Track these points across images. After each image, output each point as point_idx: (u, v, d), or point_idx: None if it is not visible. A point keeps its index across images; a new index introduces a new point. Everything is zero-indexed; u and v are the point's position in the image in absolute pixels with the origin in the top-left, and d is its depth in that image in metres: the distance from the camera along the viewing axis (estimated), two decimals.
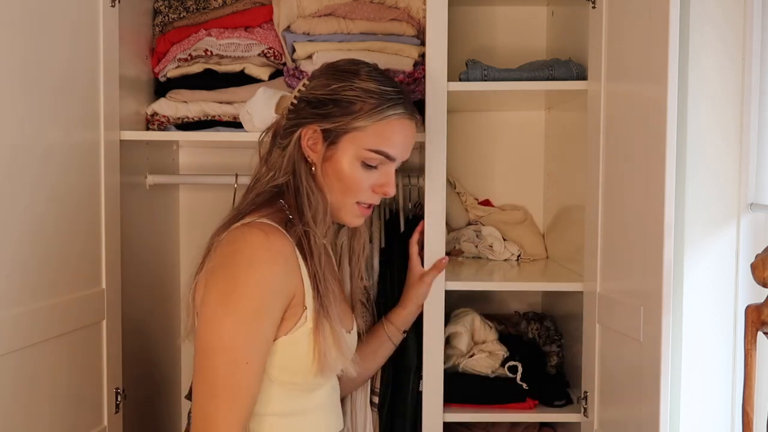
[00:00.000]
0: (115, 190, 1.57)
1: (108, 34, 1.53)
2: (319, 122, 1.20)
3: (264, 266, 1.09)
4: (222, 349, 1.06)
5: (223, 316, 1.07)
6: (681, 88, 1.32)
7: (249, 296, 1.07)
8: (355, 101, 1.20)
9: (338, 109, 1.20)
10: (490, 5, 2.06)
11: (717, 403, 1.50)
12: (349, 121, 1.20)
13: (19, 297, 1.26)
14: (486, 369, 1.72)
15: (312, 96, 1.22)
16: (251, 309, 1.07)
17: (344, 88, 1.20)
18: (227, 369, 1.05)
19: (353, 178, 1.22)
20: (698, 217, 1.49)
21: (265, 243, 1.10)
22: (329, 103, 1.20)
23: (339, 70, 1.23)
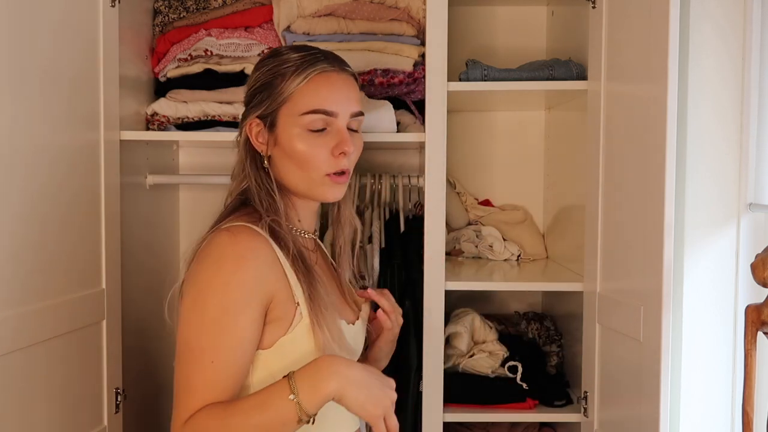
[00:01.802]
0: (115, 190, 1.57)
1: (108, 34, 1.53)
2: (256, 112, 1.20)
3: (231, 264, 1.07)
4: (188, 351, 1.06)
5: (189, 319, 1.07)
6: (681, 88, 1.32)
7: (215, 295, 1.06)
8: (275, 77, 1.19)
9: (265, 92, 1.20)
10: (490, 5, 2.06)
11: (717, 403, 1.50)
12: (275, 97, 1.18)
13: (19, 297, 1.26)
14: (486, 369, 1.72)
15: (247, 94, 1.24)
16: (218, 307, 1.05)
17: (263, 71, 1.21)
18: (193, 368, 1.05)
19: (304, 150, 1.18)
20: (698, 217, 1.49)
21: (231, 242, 1.09)
22: (256, 92, 1.21)
23: (260, 61, 1.24)
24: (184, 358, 1.07)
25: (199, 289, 1.08)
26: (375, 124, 1.63)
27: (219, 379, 1.05)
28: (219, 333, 1.05)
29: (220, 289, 1.06)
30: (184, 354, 1.07)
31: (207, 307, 1.06)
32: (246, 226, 1.13)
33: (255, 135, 1.21)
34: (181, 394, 1.05)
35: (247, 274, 1.08)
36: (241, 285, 1.07)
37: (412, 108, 1.77)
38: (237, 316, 1.06)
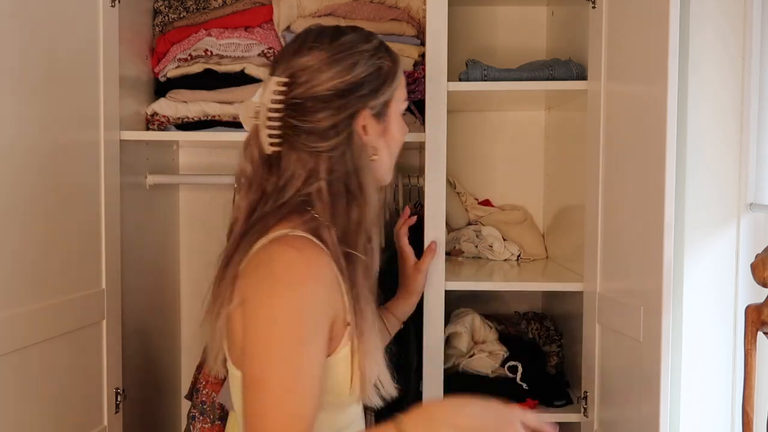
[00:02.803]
0: (115, 190, 1.57)
1: (108, 34, 1.53)
2: (371, 102, 1.10)
3: (303, 288, 0.99)
4: (263, 380, 0.97)
5: (261, 345, 0.98)
6: (681, 88, 1.32)
7: (290, 322, 0.97)
8: (382, 64, 1.11)
9: (377, 79, 1.10)
10: (490, 5, 2.06)
11: (717, 403, 1.50)
12: (390, 83, 1.12)
13: (19, 297, 1.26)
14: (486, 369, 1.72)
15: (343, 83, 1.08)
16: (294, 335, 0.97)
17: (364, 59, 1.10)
18: (270, 399, 0.96)
19: (401, 137, 1.17)
20: (698, 217, 1.49)
21: (300, 260, 1.00)
22: (367, 80, 1.09)
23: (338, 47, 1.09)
24: (259, 387, 0.97)
25: (270, 314, 0.98)
26: None
27: (298, 411, 0.97)
28: (299, 363, 0.97)
29: (295, 315, 0.98)
30: (259, 383, 0.97)
31: (283, 335, 0.97)
32: (308, 239, 1.03)
33: (362, 127, 1.10)
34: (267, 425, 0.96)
35: (318, 297, 1.00)
36: (314, 309, 0.99)
37: (412, 108, 1.77)
38: (312, 343, 0.99)
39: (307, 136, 1.08)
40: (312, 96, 1.07)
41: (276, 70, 1.10)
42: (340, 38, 1.10)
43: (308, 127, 1.08)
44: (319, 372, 0.99)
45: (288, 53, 1.11)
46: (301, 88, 1.08)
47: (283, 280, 0.99)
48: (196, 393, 1.69)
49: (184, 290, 2.11)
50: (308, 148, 1.08)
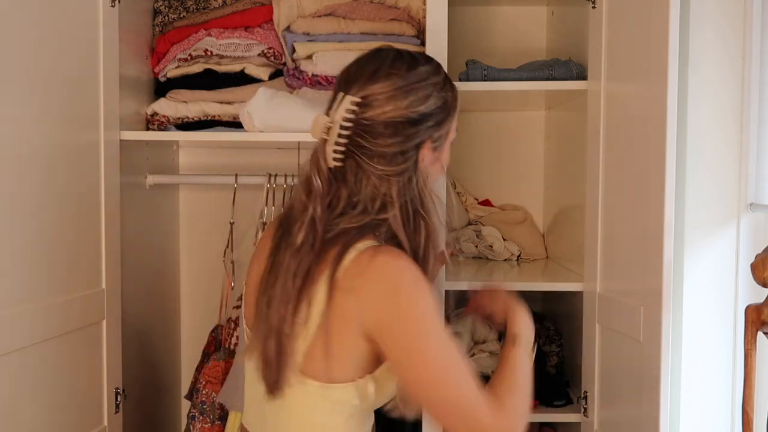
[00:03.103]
0: (115, 190, 1.57)
1: (108, 34, 1.53)
2: (435, 133, 1.15)
3: (427, 287, 1.08)
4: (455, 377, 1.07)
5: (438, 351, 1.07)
6: (681, 88, 1.32)
7: (438, 321, 1.07)
8: (447, 97, 1.16)
9: (444, 112, 1.15)
10: (490, 5, 2.06)
11: (717, 403, 1.50)
12: (452, 116, 1.17)
13: (19, 297, 1.26)
14: (486, 369, 1.72)
15: (416, 113, 1.11)
16: (444, 331, 1.07)
17: (440, 89, 1.15)
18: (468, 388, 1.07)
19: (446, 165, 1.21)
20: (698, 217, 1.49)
21: (412, 266, 1.08)
22: (435, 111, 1.14)
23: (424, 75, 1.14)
24: (448, 383, 1.07)
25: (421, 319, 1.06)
26: None
27: (474, 378, 1.09)
28: (451, 346, 1.08)
29: (436, 311, 1.07)
30: (446, 380, 1.07)
31: (439, 332, 1.06)
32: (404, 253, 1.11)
33: (423, 157, 1.14)
34: (468, 408, 1.07)
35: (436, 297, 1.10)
36: (438, 304, 1.09)
37: None
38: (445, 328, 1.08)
39: (377, 159, 1.11)
40: (384, 121, 1.10)
41: (350, 89, 1.12)
42: (416, 68, 1.13)
43: (377, 150, 1.11)
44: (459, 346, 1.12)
45: (364, 75, 1.13)
46: (374, 111, 1.10)
47: (411, 286, 1.06)
48: (196, 393, 1.69)
49: (184, 290, 2.11)
50: (377, 170, 1.11)
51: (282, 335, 1.08)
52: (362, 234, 1.09)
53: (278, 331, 1.08)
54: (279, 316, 1.09)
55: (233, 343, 1.72)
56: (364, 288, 1.05)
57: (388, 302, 1.05)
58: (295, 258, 1.10)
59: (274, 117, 1.62)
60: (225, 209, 1.85)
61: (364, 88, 1.11)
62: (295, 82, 1.78)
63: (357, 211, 1.11)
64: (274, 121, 1.63)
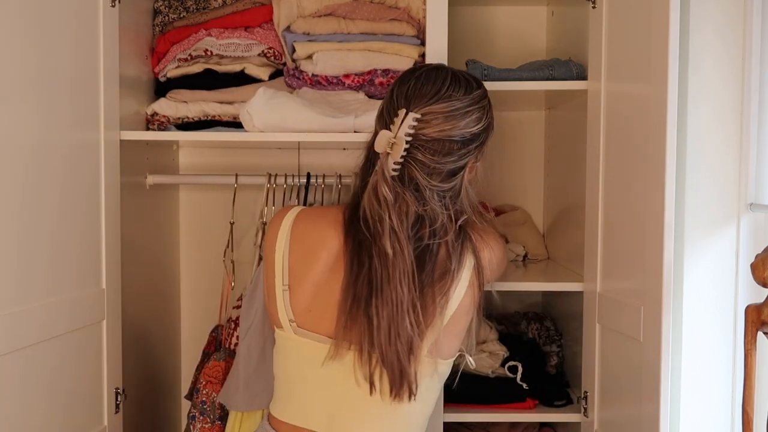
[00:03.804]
0: (115, 190, 1.57)
1: (108, 34, 1.53)
2: (479, 152, 1.27)
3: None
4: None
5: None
6: (681, 88, 1.32)
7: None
8: (491, 118, 1.28)
9: (489, 131, 1.28)
10: (490, 5, 2.06)
11: (717, 403, 1.50)
12: (491, 135, 1.29)
13: (19, 297, 1.26)
14: (486, 369, 1.72)
15: (468, 133, 1.23)
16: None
17: (487, 112, 1.27)
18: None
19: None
20: (698, 217, 1.49)
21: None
22: (482, 132, 1.26)
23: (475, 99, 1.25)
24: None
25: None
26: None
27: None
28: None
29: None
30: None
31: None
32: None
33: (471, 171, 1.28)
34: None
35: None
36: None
37: None
38: None
39: (431, 175, 1.21)
40: (440, 138, 1.20)
41: (411, 107, 1.20)
42: (472, 92, 1.24)
43: (433, 166, 1.21)
44: None
45: (427, 94, 1.21)
46: (432, 128, 1.20)
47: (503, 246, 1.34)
48: (196, 393, 1.69)
49: (184, 290, 2.11)
50: (430, 185, 1.21)
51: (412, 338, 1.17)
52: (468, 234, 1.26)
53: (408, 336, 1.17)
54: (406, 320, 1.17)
55: (233, 343, 1.72)
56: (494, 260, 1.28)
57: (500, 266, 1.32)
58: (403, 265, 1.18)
59: (274, 117, 1.62)
60: (225, 209, 1.85)
61: (426, 106, 1.20)
62: (295, 82, 1.78)
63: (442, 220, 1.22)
64: (274, 121, 1.63)
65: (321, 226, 1.26)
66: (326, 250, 1.23)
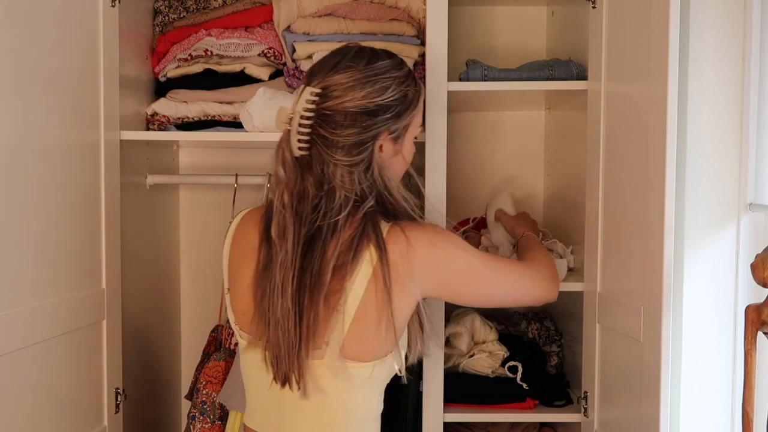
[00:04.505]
0: (115, 190, 1.57)
1: (108, 34, 1.53)
2: (392, 125, 1.20)
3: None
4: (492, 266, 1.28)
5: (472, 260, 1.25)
6: (681, 89, 1.32)
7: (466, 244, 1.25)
8: (408, 91, 1.22)
9: (402, 105, 1.21)
10: (490, 5, 2.06)
11: (717, 403, 1.50)
12: (411, 111, 1.23)
13: (19, 297, 1.26)
14: (486, 369, 1.72)
15: (371, 104, 1.17)
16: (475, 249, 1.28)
17: (394, 84, 1.19)
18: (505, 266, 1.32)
19: (410, 159, 1.28)
20: (698, 217, 1.49)
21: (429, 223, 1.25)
22: (391, 105, 1.19)
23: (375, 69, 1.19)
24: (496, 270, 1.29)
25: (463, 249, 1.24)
26: None
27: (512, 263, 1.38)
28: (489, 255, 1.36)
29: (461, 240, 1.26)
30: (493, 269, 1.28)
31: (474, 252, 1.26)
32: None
33: (380, 147, 1.21)
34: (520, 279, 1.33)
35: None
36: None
37: None
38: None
39: (334, 150, 1.17)
40: (342, 111, 1.17)
41: (312, 82, 1.19)
42: (375, 62, 1.20)
43: (336, 140, 1.17)
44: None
45: (325, 68, 1.20)
46: (333, 101, 1.17)
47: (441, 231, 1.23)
48: (196, 393, 1.69)
49: (184, 290, 2.11)
50: (334, 160, 1.17)
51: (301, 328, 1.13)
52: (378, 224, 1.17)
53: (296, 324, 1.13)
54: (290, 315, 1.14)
55: (233, 343, 1.72)
56: (416, 265, 1.16)
57: (442, 262, 1.19)
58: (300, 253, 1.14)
59: (274, 117, 1.62)
60: (225, 209, 1.85)
61: (324, 80, 1.18)
62: (295, 82, 1.78)
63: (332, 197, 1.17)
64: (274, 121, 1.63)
65: (249, 227, 1.25)
66: (252, 249, 1.22)
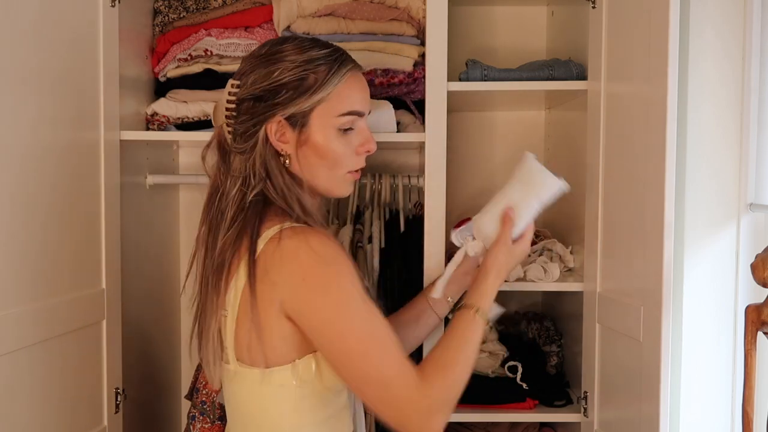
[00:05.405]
0: (115, 190, 1.57)
1: (108, 34, 1.53)
2: (281, 111, 1.15)
3: (341, 259, 1.10)
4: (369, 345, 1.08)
5: (347, 321, 1.08)
6: (681, 89, 1.32)
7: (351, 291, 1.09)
8: (306, 76, 1.15)
9: (293, 91, 1.15)
10: (490, 5, 2.06)
11: (717, 403, 1.50)
12: (309, 96, 1.15)
13: (19, 297, 1.26)
14: (486, 369, 1.72)
15: (257, 90, 1.16)
16: (359, 300, 1.09)
17: (287, 68, 1.15)
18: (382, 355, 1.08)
19: (336, 150, 1.18)
20: (698, 217, 1.49)
21: (323, 241, 1.10)
22: (280, 89, 1.15)
23: (269, 55, 1.17)
24: (361, 353, 1.07)
25: (329, 292, 1.08)
26: (375, 124, 1.63)
27: (400, 353, 1.09)
28: (372, 316, 1.09)
29: (348, 283, 1.08)
30: (358, 351, 1.07)
31: (350, 302, 1.08)
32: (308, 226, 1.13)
33: (274, 133, 1.17)
34: (389, 380, 1.07)
35: (351, 267, 1.11)
36: (354, 275, 1.10)
37: (412, 108, 1.77)
38: (367, 300, 1.10)
39: (236, 138, 1.19)
40: (242, 99, 1.17)
41: (236, 73, 1.21)
42: (275, 47, 1.18)
43: (236, 128, 1.18)
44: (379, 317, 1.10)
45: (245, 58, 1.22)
46: (240, 90, 1.18)
47: (319, 262, 1.08)
48: (196, 393, 1.69)
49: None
50: (234, 148, 1.19)
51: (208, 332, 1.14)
52: (263, 218, 1.13)
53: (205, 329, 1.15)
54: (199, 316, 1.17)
55: None
56: (276, 275, 1.08)
57: (299, 285, 1.08)
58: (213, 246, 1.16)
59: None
60: None
61: (239, 70, 1.20)
62: None
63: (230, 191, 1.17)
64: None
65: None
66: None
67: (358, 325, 1.08)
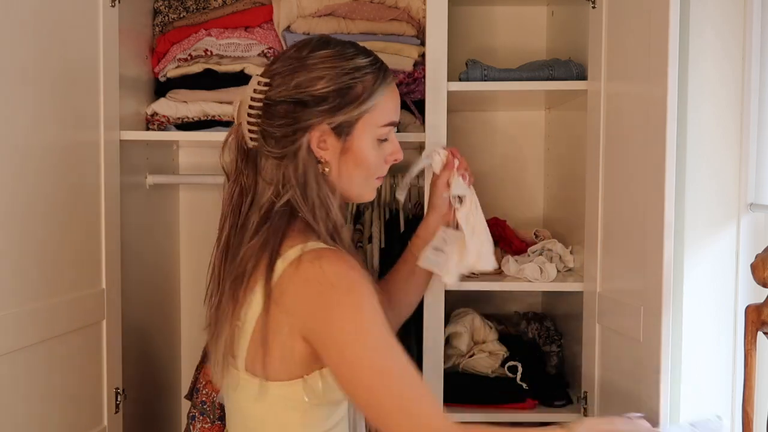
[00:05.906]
0: (115, 190, 1.57)
1: (108, 34, 1.53)
2: (328, 119, 1.12)
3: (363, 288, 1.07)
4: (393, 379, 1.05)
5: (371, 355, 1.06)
6: (681, 88, 1.32)
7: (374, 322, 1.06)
8: (354, 84, 1.13)
9: (343, 98, 1.12)
10: (490, 5, 2.06)
11: (717, 403, 1.50)
12: (358, 106, 1.13)
13: (19, 297, 1.26)
14: (486, 369, 1.73)
15: (302, 95, 1.12)
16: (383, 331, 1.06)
17: (335, 75, 1.12)
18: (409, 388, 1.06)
19: (374, 159, 1.18)
20: (698, 217, 1.48)
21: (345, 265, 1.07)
22: (327, 96, 1.12)
23: (311, 59, 1.13)
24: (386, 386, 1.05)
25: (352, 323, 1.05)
26: None
27: (424, 386, 1.09)
28: (395, 348, 1.06)
29: (372, 313, 1.06)
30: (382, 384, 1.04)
31: (373, 333, 1.05)
32: (331, 248, 1.09)
33: (317, 142, 1.13)
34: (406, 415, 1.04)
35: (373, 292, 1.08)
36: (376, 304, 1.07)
37: (412, 108, 1.77)
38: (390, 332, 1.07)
39: (269, 141, 1.14)
40: (277, 100, 1.13)
41: (265, 71, 1.16)
42: (318, 51, 1.14)
43: (269, 130, 1.13)
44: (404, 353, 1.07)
45: (278, 57, 1.18)
46: (272, 91, 1.13)
47: (340, 290, 1.05)
48: (196, 393, 1.69)
49: (184, 290, 2.11)
50: (266, 151, 1.14)
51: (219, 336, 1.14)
52: (286, 233, 1.10)
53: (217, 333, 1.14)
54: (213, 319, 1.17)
55: None
56: (293, 301, 1.06)
57: (317, 314, 1.05)
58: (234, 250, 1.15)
59: None
60: None
61: (271, 68, 1.15)
62: None
63: (259, 195, 1.14)
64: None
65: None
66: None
67: (390, 359, 1.05)
